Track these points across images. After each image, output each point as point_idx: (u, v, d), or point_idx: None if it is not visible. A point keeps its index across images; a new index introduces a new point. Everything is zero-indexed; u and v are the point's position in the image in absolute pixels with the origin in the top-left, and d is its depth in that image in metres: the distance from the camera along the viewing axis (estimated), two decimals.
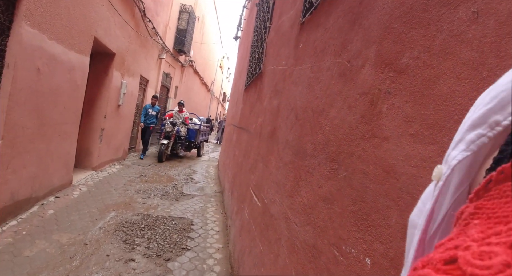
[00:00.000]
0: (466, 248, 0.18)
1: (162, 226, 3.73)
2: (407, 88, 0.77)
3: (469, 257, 0.17)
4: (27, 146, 3.36)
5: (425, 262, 0.20)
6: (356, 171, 0.97)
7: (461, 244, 0.19)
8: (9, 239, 2.84)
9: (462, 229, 0.21)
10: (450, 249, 0.19)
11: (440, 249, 0.20)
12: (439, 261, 0.19)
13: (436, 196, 0.29)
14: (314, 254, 1.16)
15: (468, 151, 0.27)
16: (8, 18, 2.85)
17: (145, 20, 6.92)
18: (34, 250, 2.74)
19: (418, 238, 0.29)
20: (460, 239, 0.20)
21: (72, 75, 4.13)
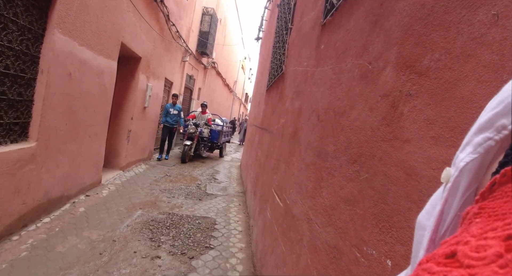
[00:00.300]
0: (466, 243, 0.20)
1: (187, 224, 3.83)
2: (428, 90, 0.77)
3: (467, 250, 0.19)
4: (60, 147, 3.54)
5: (429, 258, 0.22)
6: (378, 172, 0.97)
7: (461, 240, 0.21)
8: (43, 235, 3.01)
9: (465, 228, 0.23)
10: (452, 245, 0.21)
11: (444, 245, 0.22)
12: (441, 255, 0.21)
13: (445, 197, 0.30)
14: (336, 255, 1.17)
15: (475, 153, 0.28)
16: (41, 27, 3.03)
17: (169, 24, 7.10)
18: (66, 246, 2.89)
19: (428, 239, 0.30)
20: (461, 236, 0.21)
21: (101, 79, 4.31)
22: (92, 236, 3.17)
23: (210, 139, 9.18)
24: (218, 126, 9.80)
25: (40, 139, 3.14)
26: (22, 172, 2.90)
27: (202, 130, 8.53)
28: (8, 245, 2.70)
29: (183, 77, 9.50)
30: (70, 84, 3.54)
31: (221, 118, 10.62)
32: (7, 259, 2.51)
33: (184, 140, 8.24)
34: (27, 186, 3.00)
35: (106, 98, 4.63)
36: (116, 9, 4.45)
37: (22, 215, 3.00)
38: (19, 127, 2.93)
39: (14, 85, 2.79)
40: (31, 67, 2.98)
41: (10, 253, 2.58)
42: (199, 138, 8.53)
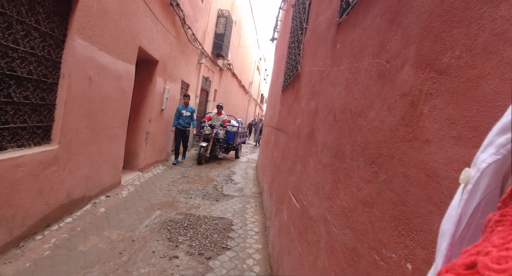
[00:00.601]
0: (487, 254, 0.19)
1: (204, 225, 3.86)
2: (449, 89, 0.74)
3: (488, 261, 0.18)
4: (81, 149, 3.64)
5: (448, 268, 0.21)
6: (397, 174, 0.95)
7: (482, 250, 0.20)
8: (65, 234, 3.10)
9: (487, 236, 0.22)
10: (472, 255, 0.20)
11: (464, 255, 0.21)
12: (461, 266, 0.20)
13: (465, 199, 0.29)
14: (354, 257, 1.14)
15: (498, 154, 0.27)
16: (62, 33, 3.12)
17: (185, 27, 7.19)
18: (87, 245, 2.96)
19: (447, 243, 0.29)
20: (482, 245, 0.20)
21: (119, 83, 4.41)
22: (112, 235, 3.25)
23: (226, 140, 9.20)
24: (234, 127, 9.86)
25: (62, 141, 3.24)
26: (45, 173, 3.00)
27: (217, 131, 8.51)
28: (32, 245, 2.80)
29: (199, 79, 9.60)
30: (90, 88, 3.64)
31: (236, 120, 10.60)
32: (31, 258, 2.59)
33: (200, 141, 8.29)
34: (50, 187, 3.10)
35: (124, 101, 4.73)
36: (134, 14, 4.54)
37: (46, 215, 3.10)
38: (42, 130, 3.04)
39: (37, 90, 2.89)
40: (53, 72, 3.08)
41: (34, 252, 2.66)
42: (215, 139, 8.54)
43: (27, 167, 2.72)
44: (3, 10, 2.36)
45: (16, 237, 2.70)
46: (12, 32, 2.48)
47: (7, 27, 2.43)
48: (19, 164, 2.63)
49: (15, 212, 2.64)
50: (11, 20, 2.45)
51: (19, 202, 2.69)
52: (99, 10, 3.57)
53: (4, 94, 2.51)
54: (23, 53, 2.64)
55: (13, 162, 2.56)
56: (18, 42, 2.56)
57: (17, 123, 2.70)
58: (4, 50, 2.43)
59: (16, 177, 2.61)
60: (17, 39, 2.55)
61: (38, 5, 2.73)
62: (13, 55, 2.53)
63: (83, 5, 3.25)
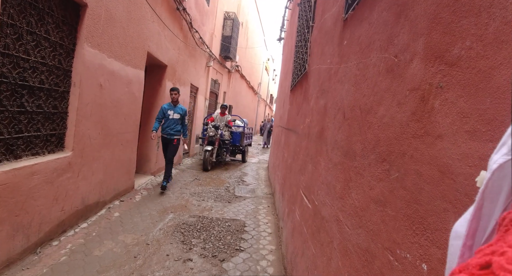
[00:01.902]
0: (502, 254, 0.18)
1: (217, 227, 3.86)
2: (461, 81, 0.71)
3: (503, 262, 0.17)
4: (94, 155, 3.69)
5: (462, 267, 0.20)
6: (409, 171, 0.92)
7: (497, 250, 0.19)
8: (81, 240, 3.14)
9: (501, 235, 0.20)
10: (486, 255, 0.19)
11: (478, 255, 0.20)
12: (475, 266, 0.19)
13: (480, 202, 0.27)
14: (368, 258, 1.12)
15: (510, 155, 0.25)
16: (71, 42, 3.18)
17: (192, 31, 7.23)
18: (102, 250, 3.00)
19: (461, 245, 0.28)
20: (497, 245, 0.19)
21: (130, 89, 4.46)
22: (127, 240, 3.28)
23: (232, 142, 8.57)
24: (239, 127, 9.21)
25: (76, 148, 3.29)
26: (60, 180, 3.05)
27: (222, 133, 7.90)
28: (49, 250, 2.85)
29: (208, 82, 9.65)
30: (101, 95, 3.69)
31: (241, 119, 9.83)
32: (48, 263, 2.64)
33: (204, 145, 7.57)
34: (65, 194, 3.15)
35: (135, 106, 4.78)
36: (141, 20, 4.59)
37: (61, 221, 3.15)
38: (55, 138, 3.09)
39: (49, 99, 2.94)
40: (64, 81, 3.13)
41: (51, 258, 2.71)
42: (220, 142, 7.84)
43: (42, 174, 2.77)
44: (13, 22, 2.41)
45: (33, 243, 2.75)
46: (23, 43, 2.54)
47: (17, 38, 2.48)
48: (34, 172, 2.68)
49: (31, 218, 2.70)
50: (21, 31, 2.50)
51: (35, 209, 2.74)
52: (107, 18, 3.62)
53: (17, 104, 2.56)
54: (34, 63, 2.69)
55: (29, 170, 2.61)
56: (29, 52, 2.61)
57: (31, 132, 2.75)
58: (15, 61, 2.48)
59: (32, 184, 2.66)
60: (28, 49, 2.60)
61: (47, 16, 2.78)
62: (24, 66, 2.58)
63: (91, 14, 3.30)
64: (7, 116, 2.48)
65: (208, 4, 8.56)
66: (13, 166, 2.46)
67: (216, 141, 7.52)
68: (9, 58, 2.42)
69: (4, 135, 2.46)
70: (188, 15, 6.67)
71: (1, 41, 2.30)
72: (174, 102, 5.25)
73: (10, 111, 2.50)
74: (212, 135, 7.46)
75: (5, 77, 2.40)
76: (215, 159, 7.61)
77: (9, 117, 2.49)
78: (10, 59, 2.43)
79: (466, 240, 0.28)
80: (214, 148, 7.52)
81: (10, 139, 2.52)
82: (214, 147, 7.52)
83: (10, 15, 2.38)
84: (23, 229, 2.61)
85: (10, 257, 2.49)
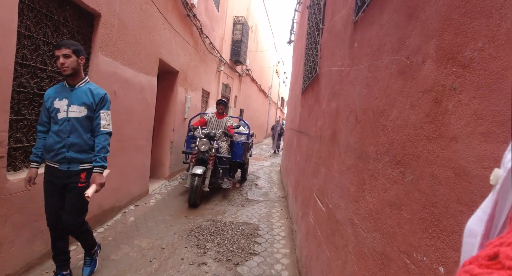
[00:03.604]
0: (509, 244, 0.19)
1: (230, 231, 3.87)
2: (474, 83, 0.71)
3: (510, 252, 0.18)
4: (110, 161, 3.75)
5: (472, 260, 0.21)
6: (424, 174, 0.92)
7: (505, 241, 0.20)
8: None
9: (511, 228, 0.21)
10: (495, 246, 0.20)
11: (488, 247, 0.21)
12: (484, 257, 0.20)
13: (495, 200, 0.28)
14: (384, 261, 1.11)
15: None
16: (86, 51, 3.26)
17: (203, 37, 7.32)
18: (119, 254, 3.05)
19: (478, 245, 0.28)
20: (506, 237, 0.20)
21: (143, 95, 4.54)
22: (142, 244, 3.32)
23: (232, 158, 5.77)
24: (242, 135, 6.60)
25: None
26: None
27: (219, 145, 5.32)
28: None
29: (219, 86, 9.72)
30: (115, 102, 3.76)
31: (244, 122, 7.10)
32: None
33: (191, 166, 4.83)
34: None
35: (148, 112, 4.86)
36: (153, 28, 4.67)
37: None
38: None
39: None
40: None
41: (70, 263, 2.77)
42: (216, 160, 5.11)
43: None
44: (30, 33, 2.49)
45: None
46: (39, 53, 2.62)
47: (34, 49, 2.56)
48: None
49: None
50: (38, 42, 2.58)
51: None
52: (120, 27, 3.70)
53: (36, 113, 2.64)
54: (51, 72, 2.77)
55: None
56: (45, 62, 2.70)
57: None
58: (33, 71, 2.56)
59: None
60: (45, 59, 2.69)
61: (63, 26, 2.87)
62: (42, 76, 2.66)
63: (104, 23, 3.39)
64: (26, 125, 2.55)
65: (218, 10, 8.65)
66: None
67: (210, 159, 4.91)
68: (27, 68, 2.50)
69: (23, 143, 2.54)
70: (198, 21, 6.75)
71: (19, 52, 2.38)
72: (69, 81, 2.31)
73: (29, 120, 2.57)
74: (204, 151, 4.89)
75: (24, 87, 2.48)
76: (208, 188, 4.90)
77: (27, 126, 2.57)
78: (28, 69, 2.51)
79: (482, 239, 0.28)
80: (207, 170, 4.86)
81: (29, 146, 2.60)
82: (207, 169, 4.86)
83: (27, 27, 2.46)
84: (41, 234, 2.67)
85: (29, 262, 2.56)
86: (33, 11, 2.50)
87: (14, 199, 2.33)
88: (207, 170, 4.84)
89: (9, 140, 2.30)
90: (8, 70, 2.17)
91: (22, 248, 2.47)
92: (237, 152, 5.87)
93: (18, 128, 2.47)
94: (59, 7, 2.79)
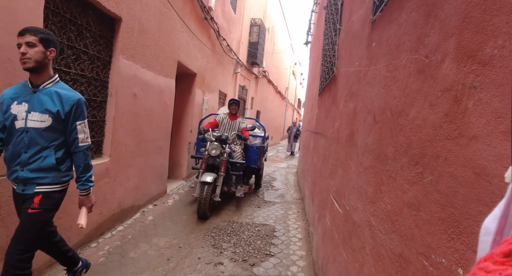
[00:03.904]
0: None
1: (246, 232, 3.89)
2: (494, 81, 0.69)
3: None
4: (129, 161, 3.86)
5: (487, 257, 0.21)
6: (443, 174, 0.90)
7: None
8: (118, 242, 3.28)
9: None
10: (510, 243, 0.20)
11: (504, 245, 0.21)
12: (499, 254, 0.20)
13: (509, 197, 0.28)
14: (401, 263, 1.09)
15: None
16: (108, 54, 3.36)
17: (220, 39, 7.39)
18: (137, 252, 3.11)
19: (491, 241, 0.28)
20: None
21: (161, 97, 4.64)
22: (160, 242, 3.38)
23: (246, 163, 5.18)
24: (257, 138, 6.01)
25: (113, 154, 3.46)
26: (98, 185, 3.22)
27: (232, 149, 4.82)
28: (88, 252, 3.00)
29: (236, 88, 9.78)
30: (135, 104, 3.86)
31: (260, 124, 6.59)
32: None
33: (200, 173, 4.40)
34: (102, 198, 3.32)
35: (167, 114, 4.95)
36: (171, 31, 4.77)
37: (99, 224, 3.31)
38: (94, 145, 3.27)
39: (89, 109, 3.12)
40: (102, 91, 3.32)
41: (90, 259, 2.84)
42: (228, 166, 4.63)
43: None
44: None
45: (74, 245, 2.91)
46: (63, 57, 2.72)
47: (59, 53, 2.66)
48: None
49: (72, 221, 2.86)
50: (62, 46, 2.69)
51: (76, 212, 2.90)
52: (140, 30, 3.80)
53: None
54: (75, 75, 2.88)
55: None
56: (69, 65, 2.80)
57: None
58: (58, 74, 2.66)
59: (73, 188, 2.83)
60: (69, 63, 2.79)
61: (86, 31, 2.97)
62: (66, 78, 2.77)
63: (125, 27, 3.49)
64: None
65: (235, 12, 8.72)
66: None
67: (222, 164, 4.44)
68: None
69: None
70: (215, 23, 6.83)
71: None
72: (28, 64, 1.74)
73: None
74: (215, 156, 4.44)
75: None
76: (219, 198, 4.35)
77: None
78: None
79: (495, 236, 0.28)
80: (219, 177, 4.39)
81: None
82: (219, 176, 4.39)
83: (52, 31, 2.56)
84: (65, 231, 2.77)
85: (52, 258, 2.65)
86: (58, 16, 2.60)
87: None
88: (219, 177, 4.36)
89: None
90: None
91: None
92: (251, 157, 5.25)
93: None
94: (82, 12, 2.89)
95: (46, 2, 2.36)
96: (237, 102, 5.25)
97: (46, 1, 2.35)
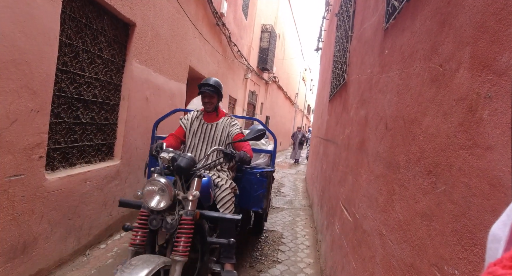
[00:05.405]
0: None
1: (254, 237, 3.87)
2: (510, 91, 0.69)
3: None
4: (140, 164, 3.90)
5: (497, 262, 0.21)
6: (457, 184, 0.89)
7: None
8: (126, 244, 3.30)
9: None
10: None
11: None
12: (508, 259, 0.20)
13: None
14: (413, 274, 1.08)
15: None
16: (121, 58, 3.43)
17: (231, 45, 7.47)
18: None
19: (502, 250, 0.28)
20: None
21: (173, 101, 4.69)
22: None
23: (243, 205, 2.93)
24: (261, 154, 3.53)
25: (123, 157, 3.51)
26: (109, 186, 3.26)
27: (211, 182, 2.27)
28: (97, 253, 3.03)
29: (246, 93, 9.83)
30: (147, 107, 3.92)
31: (269, 131, 3.62)
32: (96, 265, 2.81)
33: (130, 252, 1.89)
34: (112, 199, 3.35)
35: (177, 118, 5.00)
36: (183, 36, 4.84)
37: (109, 226, 3.35)
38: (106, 147, 3.32)
39: (101, 111, 3.18)
40: (115, 95, 3.38)
41: (98, 260, 2.88)
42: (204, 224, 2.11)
43: (93, 181, 2.98)
44: (71, 42, 2.66)
45: (83, 246, 2.95)
46: (78, 61, 2.78)
47: (74, 56, 2.73)
48: (87, 178, 2.89)
49: (82, 222, 2.90)
50: (77, 50, 2.75)
51: (86, 213, 2.95)
52: (153, 35, 3.87)
53: (73, 116, 2.80)
54: (89, 78, 2.94)
55: (82, 176, 2.82)
56: (84, 69, 2.86)
57: (85, 142, 2.99)
58: (72, 77, 2.73)
59: (84, 190, 2.87)
60: (83, 66, 2.85)
61: (100, 35, 3.04)
62: (80, 81, 2.83)
63: (139, 32, 3.55)
64: (64, 127, 2.71)
65: (246, 18, 8.80)
66: (68, 173, 2.68)
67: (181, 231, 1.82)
68: (67, 74, 2.66)
69: (62, 144, 2.69)
70: (227, 29, 6.90)
71: (60, 59, 2.54)
72: None
73: (67, 122, 2.73)
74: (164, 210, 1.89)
75: (63, 92, 2.64)
76: None
77: (66, 128, 2.73)
78: (67, 75, 2.67)
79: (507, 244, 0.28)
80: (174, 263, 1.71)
81: (66, 147, 2.75)
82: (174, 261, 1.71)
83: (68, 35, 2.63)
84: (75, 231, 2.81)
85: (62, 257, 2.69)
86: (74, 20, 2.66)
87: (51, 197, 2.47)
88: (174, 264, 1.72)
89: (48, 141, 2.45)
90: (50, 76, 2.32)
91: (56, 244, 2.60)
92: (252, 192, 2.93)
93: (57, 130, 2.63)
94: (98, 17, 2.96)
95: (63, 7, 2.42)
96: (215, 89, 2.73)
97: (63, 6, 2.41)
